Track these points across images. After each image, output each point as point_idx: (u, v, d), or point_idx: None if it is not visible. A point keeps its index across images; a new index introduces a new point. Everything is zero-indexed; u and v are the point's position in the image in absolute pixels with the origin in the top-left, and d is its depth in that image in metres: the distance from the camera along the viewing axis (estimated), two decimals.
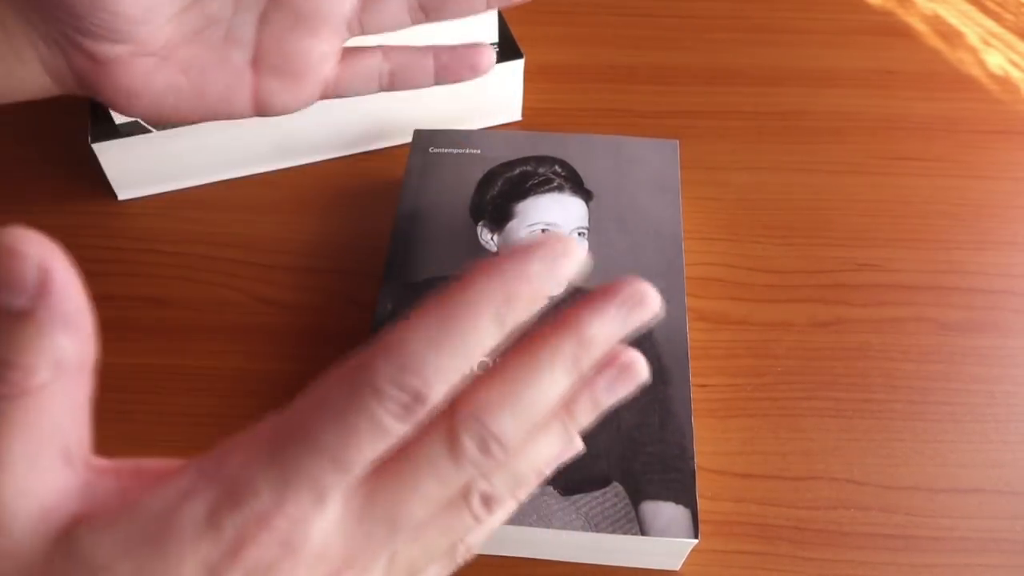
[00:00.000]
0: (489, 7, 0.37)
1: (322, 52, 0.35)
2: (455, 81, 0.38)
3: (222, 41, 0.35)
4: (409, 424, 0.20)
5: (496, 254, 0.43)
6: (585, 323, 0.21)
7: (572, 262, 0.20)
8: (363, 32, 0.36)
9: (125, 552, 0.19)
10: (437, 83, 0.38)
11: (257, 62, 0.35)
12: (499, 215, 0.45)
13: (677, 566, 0.37)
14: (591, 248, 0.43)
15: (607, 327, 0.21)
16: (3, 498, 0.19)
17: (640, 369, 0.23)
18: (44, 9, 0.33)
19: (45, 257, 0.20)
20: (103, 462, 0.23)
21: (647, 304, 0.21)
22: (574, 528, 0.35)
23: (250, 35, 0.35)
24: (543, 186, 0.46)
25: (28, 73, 0.34)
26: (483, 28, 0.52)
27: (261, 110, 0.36)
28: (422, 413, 0.20)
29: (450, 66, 0.37)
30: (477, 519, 0.23)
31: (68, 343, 0.19)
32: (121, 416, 0.42)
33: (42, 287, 0.19)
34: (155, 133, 0.48)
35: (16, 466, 0.19)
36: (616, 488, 0.35)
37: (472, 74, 0.37)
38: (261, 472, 0.20)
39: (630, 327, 0.22)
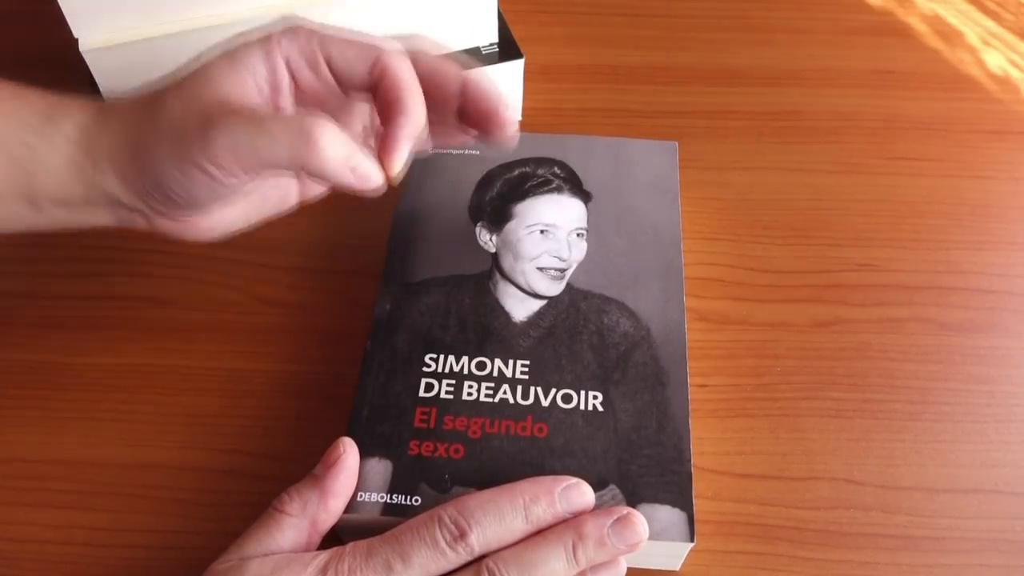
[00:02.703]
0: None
1: None
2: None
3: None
4: (455, 551, 0.32)
5: (495, 255, 0.43)
6: (582, 522, 0.33)
7: (577, 504, 0.34)
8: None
9: (272, 570, 0.32)
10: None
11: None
12: (498, 216, 0.45)
13: (676, 566, 0.37)
14: (590, 249, 0.43)
15: (598, 529, 0.33)
16: (246, 551, 0.33)
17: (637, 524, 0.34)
18: (138, 193, 0.36)
19: (347, 451, 0.35)
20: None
21: (633, 528, 0.33)
22: None
23: None
24: (542, 187, 0.46)
25: (94, 220, 0.38)
26: (483, 28, 0.52)
27: (305, 201, 0.42)
28: (464, 545, 0.32)
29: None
30: None
31: (316, 500, 0.34)
32: (121, 416, 0.42)
33: (332, 466, 0.35)
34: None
35: (251, 536, 0.33)
36: (613, 490, 0.35)
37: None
38: (359, 550, 0.32)
39: (619, 541, 0.33)
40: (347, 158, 0.33)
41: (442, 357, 0.40)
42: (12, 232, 0.37)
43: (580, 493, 0.34)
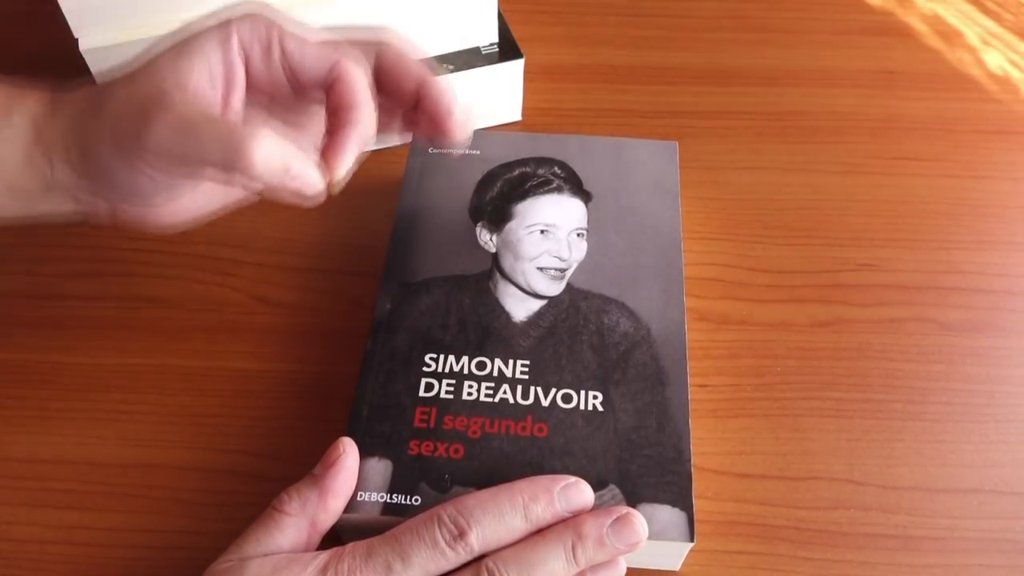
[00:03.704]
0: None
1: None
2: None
3: None
4: (455, 551, 0.32)
5: (495, 255, 0.43)
6: (581, 521, 0.33)
7: (576, 503, 0.34)
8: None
9: (272, 571, 0.32)
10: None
11: None
12: (498, 216, 0.45)
13: (676, 567, 0.37)
14: (590, 249, 0.43)
15: (597, 528, 0.33)
16: (246, 551, 0.33)
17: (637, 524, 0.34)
18: (89, 185, 0.36)
19: (347, 451, 0.35)
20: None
21: (632, 528, 0.33)
22: None
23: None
24: (542, 187, 0.46)
25: (57, 210, 0.37)
26: (483, 28, 0.52)
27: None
28: (463, 545, 0.32)
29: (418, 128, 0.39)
30: None
31: (315, 499, 0.34)
32: (121, 416, 0.42)
33: (331, 466, 0.35)
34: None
35: (251, 536, 0.33)
36: (613, 490, 0.35)
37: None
38: (359, 550, 0.32)
39: (618, 541, 0.33)
40: (283, 163, 0.32)
41: (442, 357, 0.40)
42: None
43: (579, 492, 0.34)
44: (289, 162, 0.32)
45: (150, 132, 0.32)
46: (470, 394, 0.38)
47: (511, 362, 0.39)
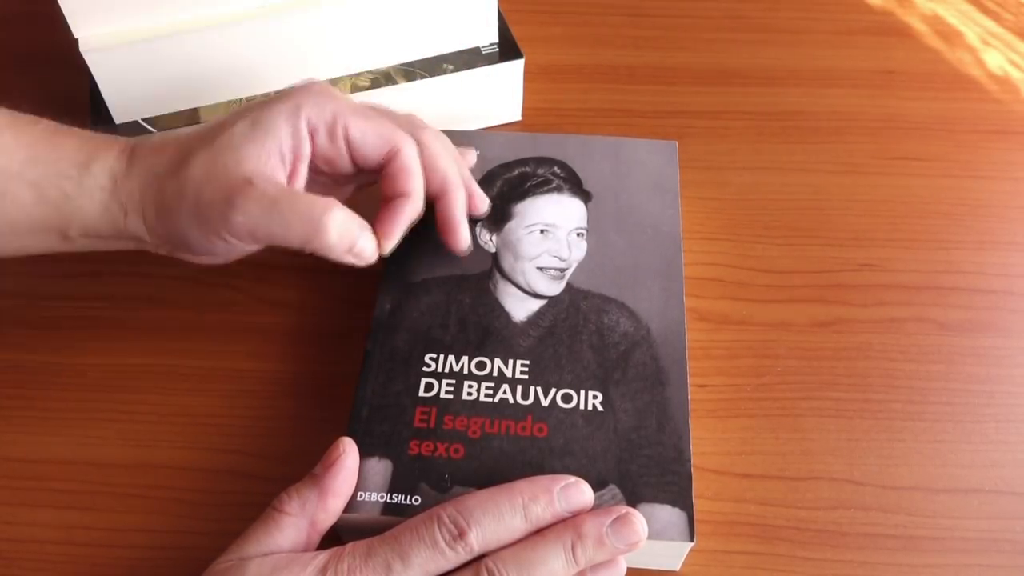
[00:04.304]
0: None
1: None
2: None
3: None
4: (454, 551, 0.32)
5: (495, 255, 0.43)
6: (581, 521, 0.33)
7: (574, 503, 0.34)
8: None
9: (272, 570, 0.32)
10: None
11: None
12: (498, 216, 0.45)
13: (676, 567, 0.37)
14: (590, 249, 0.43)
15: (597, 528, 0.33)
16: (246, 551, 0.33)
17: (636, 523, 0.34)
18: (162, 241, 0.40)
19: (347, 451, 0.35)
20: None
21: (632, 528, 0.33)
22: None
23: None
24: (542, 187, 0.46)
25: (119, 247, 0.41)
26: (483, 28, 0.52)
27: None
28: (463, 545, 0.32)
29: None
30: None
31: (315, 499, 0.34)
32: (121, 416, 0.42)
33: (331, 466, 0.35)
34: (155, 133, 0.48)
35: (251, 536, 0.34)
36: (613, 490, 0.35)
37: None
38: (359, 550, 0.32)
39: (618, 540, 0.33)
40: (351, 239, 0.37)
41: (442, 357, 0.40)
42: (39, 254, 0.41)
43: (579, 492, 0.34)
44: (355, 238, 0.37)
45: (238, 213, 0.36)
46: (470, 394, 0.38)
47: (511, 362, 0.39)
